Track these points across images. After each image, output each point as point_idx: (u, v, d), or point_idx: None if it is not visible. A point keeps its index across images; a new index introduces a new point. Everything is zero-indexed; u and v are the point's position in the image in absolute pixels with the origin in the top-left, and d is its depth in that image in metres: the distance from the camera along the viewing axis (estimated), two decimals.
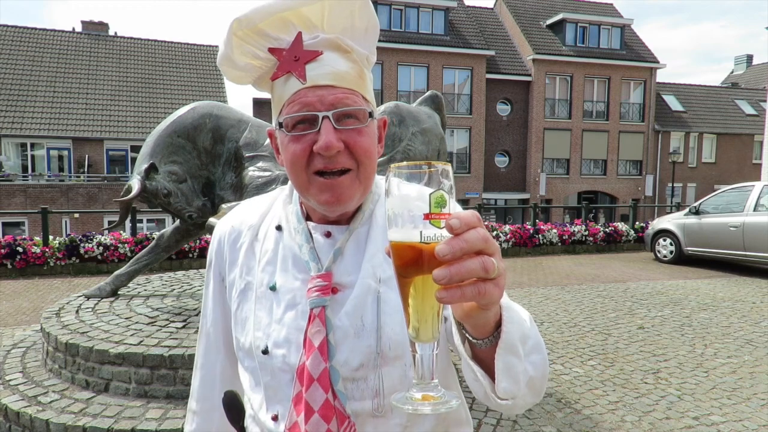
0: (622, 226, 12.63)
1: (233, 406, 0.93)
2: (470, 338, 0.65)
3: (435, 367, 0.57)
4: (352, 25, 0.81)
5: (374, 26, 0.84)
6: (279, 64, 0.80)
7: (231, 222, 0.94)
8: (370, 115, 0.81)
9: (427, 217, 0.52)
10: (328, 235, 0.85)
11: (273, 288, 0.84)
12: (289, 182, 0.93)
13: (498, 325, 0.64)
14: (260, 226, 0.91)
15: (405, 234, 0.53)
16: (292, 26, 0.79)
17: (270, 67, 0.82)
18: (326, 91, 0.77)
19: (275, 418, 0.82)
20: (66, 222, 19.12)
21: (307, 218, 0.88)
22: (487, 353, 0.66)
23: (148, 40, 26.29)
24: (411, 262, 0.54)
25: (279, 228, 0.89)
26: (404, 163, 0.55)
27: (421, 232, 0.53)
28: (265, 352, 0.82)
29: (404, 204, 0.53)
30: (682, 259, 10.06)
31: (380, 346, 0.79)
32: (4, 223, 18.18)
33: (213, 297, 0.96)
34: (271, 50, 0.80)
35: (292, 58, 0.78)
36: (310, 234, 0.85)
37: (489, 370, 0.67)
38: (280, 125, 0.79)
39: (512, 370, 0.65)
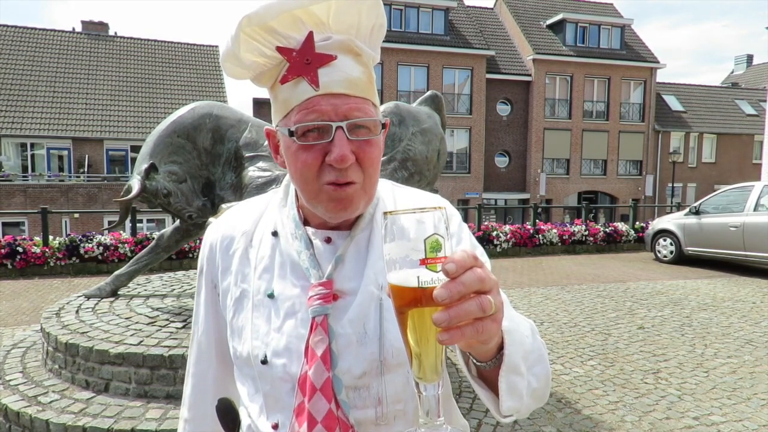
0: (622, 226, 12.63)
1: (228, 414, 0.92)
2: (474, 361, 0.67)
3: (441, 405, 0.58)
4: (359, 24, 0.79)
5: (380, 26, 0.81)
6: (289, 67, 0.77)
7: (222, 228, 0.91)
8: (383, 126, 0.79)
9: (423, 262, 0.54)
10: (328, 240, 0.83)
11: (271, 295, 0.82)
12: (282, 185, 0.91)
13: (500, 347, 0.65)
14: (254, 231, 0.88)
15: (403, 278, 0.55)
16: (302, 25, 0.76)
17: (274, 65, 0.79)
18: (340, 100, 0.75)
19: (275, 427, 0.80)
20: (66, 222, 19.11)
21: (305, 223, 0.86)
22: (492, 373, 0.67)
23: (148, 40, 26.29)
24: (410, 304, 0.56)
25: (275, 234, 0.86)
26: (399, 209, 0.57)
27: (418, 277, 0.54)
28: (264, 361, 0.80)
29: (401, 250, 0.54)
30: (682, 259, 10.06)
31: (383, 353, 0.78)
32: (4, 223, 18.17)
33: (205, 305, 0.93)
34: (279, 49, 0.77)
35: (304, 61, 0.75)
36: (310, 240, 0.83)
37: (494, 387, 0.69)
38: (291, 132, 0.76)
39: (515, 388, 0.67)
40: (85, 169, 21.68)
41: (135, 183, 3.57)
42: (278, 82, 0.79)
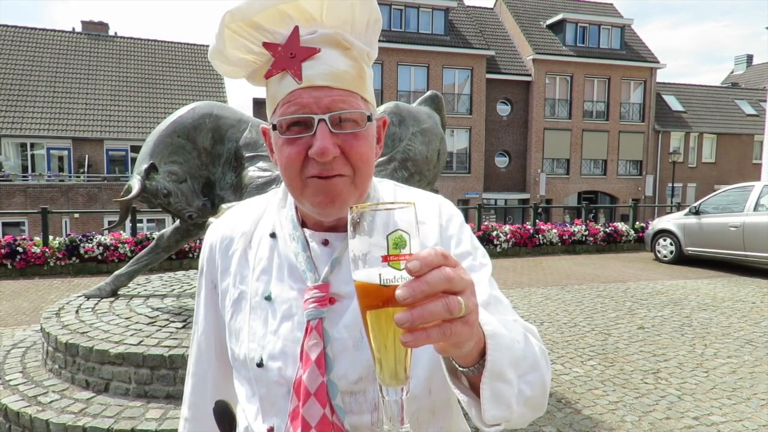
0: (622, 226, 12.63)
1: (225, 417, 0.92)
2: (457, 366, 0.64)
3: (405, 411, 0.56)
4: (353, 19, 0.77)
5: (376, 20, 0.80)
6: (274, 62, 0.75)
7: (222, 228, 0.90)
8: (369, 118, 0.77)
9: (385, 259, 0.51)
10: (325, 243, 0.82)
11: (268, 298, 0.81)
12: (282, 186, 0.89)
13: (484, 351, 0.62)
14: (254, 232, 0.88)
15: (364, 276, 0.52)
16: (289, 19, 0.75)
17: (265, 62, 0.78)
18: (323, 92, 0.73)
19: (271, 431, 0.80)
20: (66, 222, 19.12)
21: (303, 224, 0.84)
22: (476, 378, 0.63)
23: (148, 40, 26.30)
24: (372, 304, 0.53)
25: (273, 235, 0.85)
26: (367, 204, 0.53)
27: (379, 274, 0.51)
28: (260, 365, 0.79)
29: (363, 246, 0.52)
30: (682, 259, 10.06)
31: None
32: (4, 223, 18.18)
33: (205, 305, 0.93)
34: (266, 45, 0.76)
35: (288, 54, 0.74)
36: (307, 242, 0.82)
37: (479, 393, 0.65)
38: (274, 126, 0.76)
39: (501, 397, 0.63)
40: (85, 169, 21.69)
41: (135, 183, 3.57)
42: (264, 78, 0.78)
